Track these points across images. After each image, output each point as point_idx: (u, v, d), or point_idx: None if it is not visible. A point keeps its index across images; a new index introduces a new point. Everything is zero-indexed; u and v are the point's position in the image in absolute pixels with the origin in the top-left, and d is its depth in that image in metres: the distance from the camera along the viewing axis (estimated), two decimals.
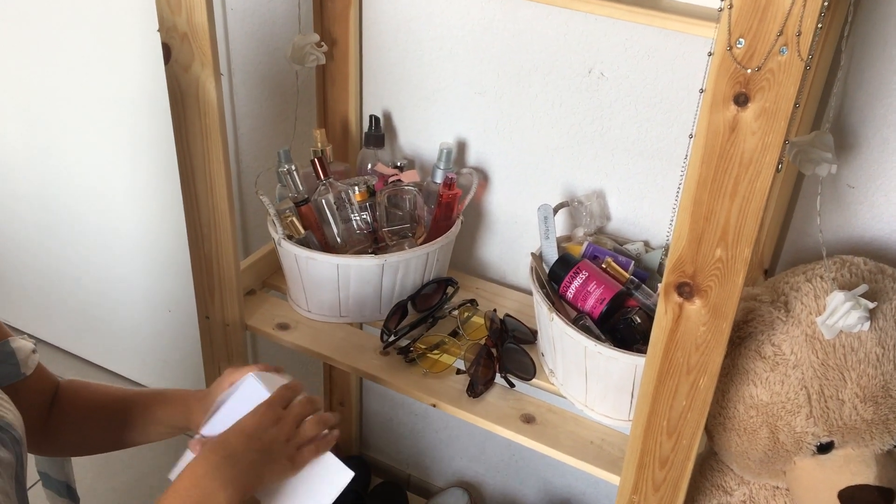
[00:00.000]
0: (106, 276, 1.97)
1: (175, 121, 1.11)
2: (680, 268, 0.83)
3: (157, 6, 1.02)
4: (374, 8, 1.30)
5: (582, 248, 1.20)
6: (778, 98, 0.71)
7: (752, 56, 0.71)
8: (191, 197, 1.16)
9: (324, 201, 1.24)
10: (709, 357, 0.87)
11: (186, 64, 1.04)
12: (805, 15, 0.68)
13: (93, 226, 1.90)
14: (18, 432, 0.85)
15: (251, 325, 1.28)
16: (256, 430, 0.91)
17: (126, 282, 1.94)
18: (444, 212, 1.27)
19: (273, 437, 0.91)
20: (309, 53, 1.27)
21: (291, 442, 0.93)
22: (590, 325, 1.09)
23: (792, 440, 0.96)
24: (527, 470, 1.66)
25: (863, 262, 1.00)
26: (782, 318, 0.97)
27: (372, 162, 1.34)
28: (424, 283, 1.27)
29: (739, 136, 0.74)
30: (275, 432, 0.92)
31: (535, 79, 1.23)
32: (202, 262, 1.22)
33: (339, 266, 1.20)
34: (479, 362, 1.17)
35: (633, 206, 1.26)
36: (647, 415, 0.94)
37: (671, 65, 1.12)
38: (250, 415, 0.93)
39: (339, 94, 1.36)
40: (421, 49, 1.30)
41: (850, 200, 1.11)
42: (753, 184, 0.76)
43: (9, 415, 0.85)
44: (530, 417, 1.13)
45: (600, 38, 1.15)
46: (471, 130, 1.33)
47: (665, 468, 0.97)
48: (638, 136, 1.20)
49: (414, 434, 1.76)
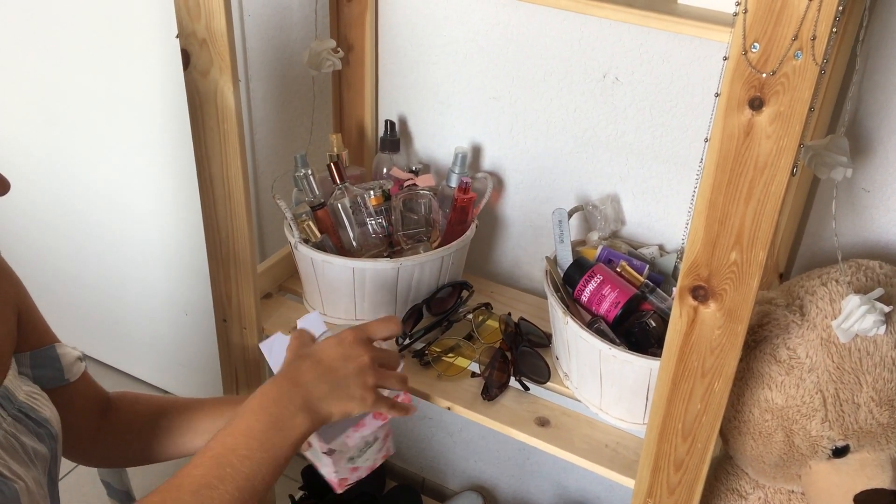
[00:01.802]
0: (124, 280, 1.98)
1: (193, 126, 1.12)
2: (695, 271, 0.83)
3: (176, 12, 1.03)
4: (390, 13, 1.31)
5: (596, 251, 1.21)
6: (793, 102, 0.72)
7: (766, 60, 0.71)
8: (208, 201, 1.17)
9: (340, 205, 1.25)
10: (724, 360, 0.87)
11: (205, 70, 1.06)
12: (820, 19, 0.68)
13: (110, 230, 1.92)
14: (55, 429, 0.87)
15: (268, 327, 1.29)
16: (331, 362, 0.90)
17: (144, 285, 1.96)
18: (458, 216, 1.27)
19: (347, 373, 0.90)
20: (325, 59, 1.28)
21: (367, 382, 0.91)
22: (604, 329, 1.09)
23: (807, 444, 0.96)
24: (541, 473, 1.67)
25: (878, 266, 1.00)
26: (797, 322, 0.97)
27: (387, 166, 1.35)
28: (439, 287, 1.28)
29: (754, 139, 0.74)
30: (350, 368, 0.91)
31: (550, 83, 1.24)
32: (219, 266, 1.23)
33: (354, 269, 1.21)
34: (494, 365, 1.17)
35: (648, 210, 1.26)
36: (661, 418, 0.94)
37: (686, 69, 1.13)
38: (325, 347, 0.92)
39: (355, 98, 1.37)
40: (436, 54, 1.31)
41: (865, 204, 1.11)
42: (768, 187, 0.76)
43: (46, 411, 0.87)
44: (545, 420, 1.14)
45: (615, 43, 1.16)
46: (485, 135, 1.34)
47: (680, 471, 0.97)
48: (653, 140, 1.20)
49: (428, 437, 1.77)
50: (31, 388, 0.88)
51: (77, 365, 0.97)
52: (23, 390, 0.87)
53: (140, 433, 1.03)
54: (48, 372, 0.93)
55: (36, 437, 0.84)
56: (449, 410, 1.17)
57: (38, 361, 0.93)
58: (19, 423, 0.83)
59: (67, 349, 0.96)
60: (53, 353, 0.94)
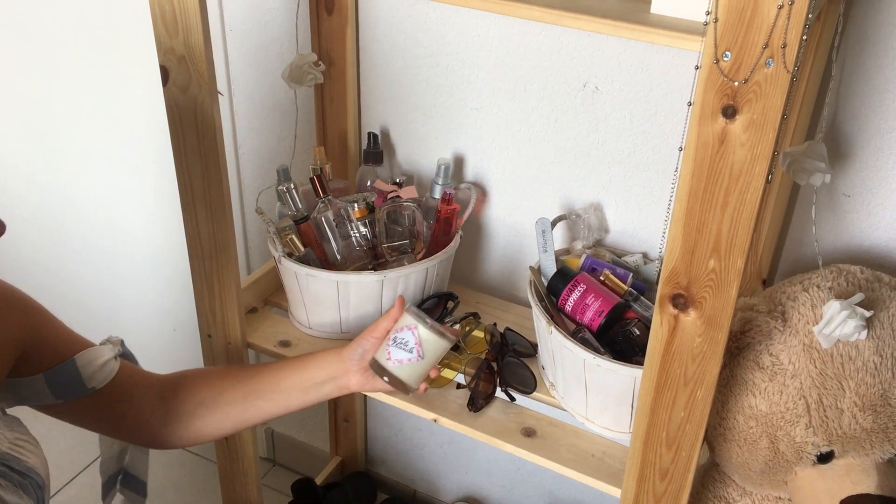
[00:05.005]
0: (112, 296, 1.98)
1: (174, 141, 1.12)
2: (674, 279, 0.84)
3: (154, 29, 1.03)
4: (371, 27, 1.32)
5: (580, 260, 1.21)
6: (766, 109, 0.72)
7: (738, 69, 0.71)
8: (192, 217, 1.17)
9: (323, 219, 1.25)
10: (705, 368, 0.87)
11: (184, 85, 1.06)
12: (790, 27, 0.68)
13: (99, 247, 1.92)
14: (42, 478, 0.86)
15: (253, 342, 1.28)
16: None
17: (132, 301, 1.95)
18: (442, 227, 1.27)
19: None
20: (307, 72, 1.28)
21: None
22: (588, 338, 1.09)
23: (792, 450, 0.96)
24: (532, 483, 1.66)
25: (859, 271, 1.00)
26: (780, 328, 0.97)
27: (371, 179, 1.35)
28: (425, 298, 1.27)
29: (728, 147, 0.75)
30: None
31: (531, 93, 1.24)
32: (203, 282, 1.22)
33: (338, 283, 1.20)
34: (480, 376, 1.17)
35: (631, 218, 1.26)
36: (646, 426, 0.94)
37: (664, 78, 1.13)
38: None
39: (337, 112, 1.37)
40: (417, 66, 1.31)
41: (846, 209, 1.12)
42: (744, 195, 0.76)
43: (32, 458, 0.86)
44: (531, 431, 1.13)
45: (594, 53, 1.16)
46: (468, 146, 1.34)
47: (665, 480, 0.97)
48: (634, 148, 1.20)
49: (419, 449, 1.76)
50: (17, 433, 0.87)
51: (105, 369, 0.98)
52: (7, 439, 0.85)
53: (215, 404, 1.06)
54: (68, 386, 0.95)
55: (20, 490, 0.83)
56: (435, 422, 1.16)
57: (54, 379, 0.94)
58: (2, 477, 0.82)
59: (93, 354, 0.97)
60: (71, 367, 0.95)
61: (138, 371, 1.05)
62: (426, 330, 1.02)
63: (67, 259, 1.99)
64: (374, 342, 1.06)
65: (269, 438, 1.95)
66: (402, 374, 1.03)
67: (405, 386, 1.04)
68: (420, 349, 1.01)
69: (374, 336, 1.06)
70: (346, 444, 1.79)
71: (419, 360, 1.02)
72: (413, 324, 1.02)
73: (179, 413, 1.04)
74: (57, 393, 0.95)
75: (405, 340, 1.02)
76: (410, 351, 1.02)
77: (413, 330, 1.02)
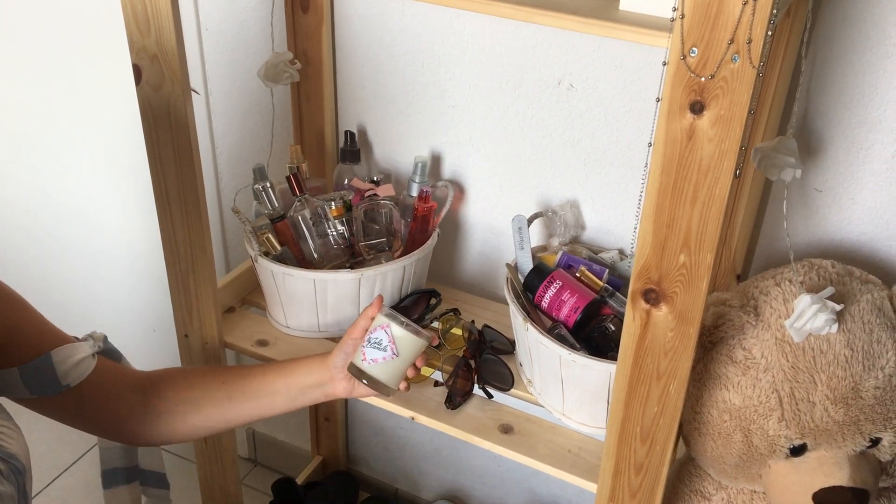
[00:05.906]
0: (90, 296, 1.96)
1: (148, 141, 1.11)
2: (646, 274, 0.84)
3: (126, 28, 1.03)
4: (346, 25, 1.32)
5: (556, 257, 1.21)
6: (732, 105, 0.72)
7: (705, 64, 0.72)
8: (166, 216, 1.17)
9: (300, 217, 1.25)
10: (678, 362, 0.87)
11: (157, 84, 1.05)
12: (755, 23, 0.69)
13: (77, 247, 1.90)
14: (22, 462, 0.86)
15: (230, 342, 1.28)
16: None
17: (110, 302, 1.94)
18: (420, 225, 1.27)
19: None
20: (283, 71, 1.28)
21: None
22: (564, 335, 1.10)
23: (765, 443, 0.97)
24: (513, 480, 1.67)
25: (830, 265, 1.01)
26: (752, 323, 0.97)
27: (348, 177, 1.35)
28: (406, 295, 1.27)
29: (697, 143, 0.75)
30: None
31: (506, 91, 1.24)
32: (179, 282, 1.22)
33: (315, 281, 1.20)
34: (458, 374, 1.17)
35: (607, 214, 1.27)
36: (620, 421, 0.95)
37: (638, 74, 1.14)
38: None
39: (314, 110, 1.37)
40: (393, 64, 1.31)
41: (818, 204, 1.12)
42: (713, 190, 0.77)
43: (14, 445, 0.85)
44: (508, 427, 1.14)
45: (568, 50, 1.17)
46: (445, 143, 1.34)
47: (640, 474, 0.97)
48: (609, 145, 1.21)
49: (401, 448, 1.76)
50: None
51: (81, 366, 0.97)
52: None
53: (197, 404, 1.05)
54: (43, 382, 0.94)
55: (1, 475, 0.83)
56: (413, 420, 1.16)
57: (29, 374, 0.93)
58: None
59: (69, 352, 0.96)
60: (47, 363, 0.94)
61: (118, 368, 1.04)
62: (398, 327, 1.02)
63: (45, 259, 1.97)
64: (354, 343, 1.06)
65: (250, 438, 1.95)
66: (379, 374, 1.03)
67: (384, 387, 1.04)
68: (394, 346, 1.02)
69: (353, 337, 1.05)
70: (327, 443, 1.79)
71: (394, 359, 1.02)
72: (385, 322, 1.02)
73: (161, 411, 1.03)
74: (31, 388, 0.94)
75: (379, 339, 1.02)
76: (384, 349, 1.02)
77: (385, 329, 1.02)
